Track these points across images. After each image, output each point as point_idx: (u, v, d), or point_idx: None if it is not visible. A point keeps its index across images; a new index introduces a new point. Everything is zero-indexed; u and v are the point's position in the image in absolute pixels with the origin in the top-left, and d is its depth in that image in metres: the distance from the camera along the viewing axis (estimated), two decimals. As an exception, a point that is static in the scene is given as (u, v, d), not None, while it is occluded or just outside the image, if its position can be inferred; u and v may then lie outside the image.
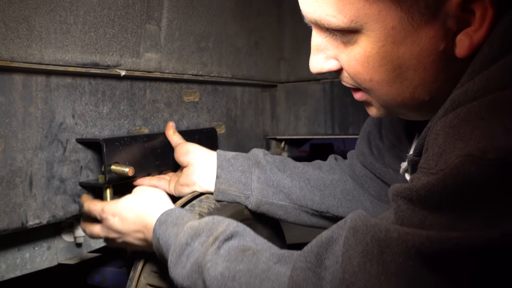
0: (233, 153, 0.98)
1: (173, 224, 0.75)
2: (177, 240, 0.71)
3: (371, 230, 0.48)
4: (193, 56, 1.13)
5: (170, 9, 1.04)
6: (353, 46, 0.60)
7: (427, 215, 0.45)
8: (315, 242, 0.57)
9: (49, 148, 0.84)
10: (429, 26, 0.54)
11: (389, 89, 0.61)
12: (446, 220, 0.43)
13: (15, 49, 0.74)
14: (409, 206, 0.47)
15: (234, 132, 1.36)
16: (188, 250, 0.69)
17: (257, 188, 0.94)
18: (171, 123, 1.05)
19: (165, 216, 0.77)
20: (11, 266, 0.87)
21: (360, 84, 0.63)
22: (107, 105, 0.95)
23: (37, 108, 0.82)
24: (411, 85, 0.59)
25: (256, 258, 0.63)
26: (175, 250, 0.71)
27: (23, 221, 0.80)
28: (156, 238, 0.75)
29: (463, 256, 0.40)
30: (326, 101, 1.47)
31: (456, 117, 0.48)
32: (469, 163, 0.42)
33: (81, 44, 0.85)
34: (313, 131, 1.50)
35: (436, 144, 0.49)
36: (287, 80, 1.53)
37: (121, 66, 0.93)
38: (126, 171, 0.88)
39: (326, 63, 0.65)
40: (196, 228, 0.72)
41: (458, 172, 0.42)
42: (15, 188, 0.79)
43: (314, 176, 0.99)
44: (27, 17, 0.75)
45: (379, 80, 0.60)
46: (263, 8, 1.41)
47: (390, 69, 0.58)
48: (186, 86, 1.16)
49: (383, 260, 0.45)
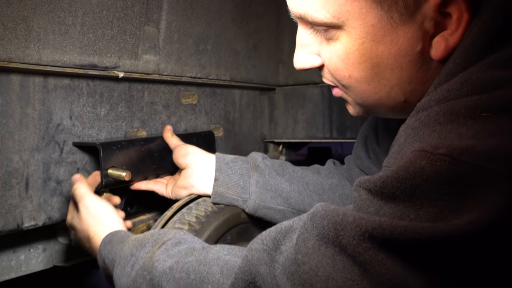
0: (231, 156, 0.98)
1: (118, 242, 0.75)
2: (122, 253, 0.71)
3: (328, 214, 0.49)
4: (191, 59, 1.13)
5: (169, 11, 1.04)
6: (335, 43, 0.61)
7: (383, 205, 0.47)
8: (274, 228, 0.58)
9: (46, 149, 0.84)
10: (407, 27, 0.57)
11: (367, 87, 0.63)
12: (398, 210, 0.45)
13: (13, 50, 0.74)
14: (368, 196, 0.49)
15: (232, 135, 1.36)
16: (133, 260, 0.69)
17: (255, 192, 0.94)
18: (169, 126, 1.04)
19: (110, 236, 0.77)
20: (6, 268, 0.86)
21: (339, 80, 0.65)
22: (105, 106, 0.95)
23: (35, 109, 0.81)
24: (388, 84, 0.62)
25: (206, 252, 0.64)
26: (119, 262, 0.70)
27: (19, 223, 0.80)
28: (102, 259, 0.75)
29: (409, 244, 0.43)
30: (324, 104, 1.47)
31: (417, 119, 0.51)
32: (421, 157, 0.44)
33: (79, 45, 0.84)
34: (311, 135, 1.50)
35: (397, 143, 0.53)
36: (286, 84, 1.53)
37: (120, 68, 0.93)
38: (123, 175, 0.88)
39: (309, 60, 0.67)
40: (141, 240, 0.71)
41: (410, 165, 0.45)
42: (11, 189, 0.78)
43: (313, 180, 0.99)
44: (25, 17, 0.75)
45: (358, 77, 0.62)
46: (262, 11, 1.41)
47: (369, 67, 0.60)
48: (184, 89, 1.16)
49: (339, 242, 0.47)
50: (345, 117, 1.45)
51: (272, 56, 1.49)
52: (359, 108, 0.70)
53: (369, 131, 0.97)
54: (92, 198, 0.83)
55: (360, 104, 0.68)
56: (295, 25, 0.67)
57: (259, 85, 1.43)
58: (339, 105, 1.45)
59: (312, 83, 1.49)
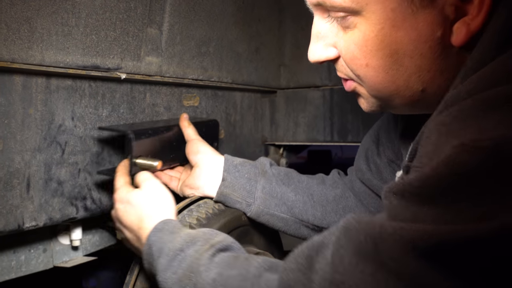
0: (240, 159, 0.98)
1: (169, 232, 0.74)
2: (172, 245, 0.71)
3: (364, 228, 0.46)
4: (193, 61, 1.13)
5: (171, 13, 1.04)
6: (352, 31, 0.60)
7: (420, 209, 0.43)
8: (306, 245, 0.56)
9: (48, 150, 0.84)
10: (428, 12, 0.55)
11: (384, 76, 0.60)
12: (441, 212, 0.42)
13: (16, 50, 0.74)
14: (401, 202, 0.46)
15: (233, 137, 1.36)
16: (182, 256, 0.69)
17: (261, 197, 0.94)
18: (185, 115, 1.04)
19: (163, 224, 0.76)
20: (6, 268, 0.86)
21: (355, 70, 0.63)
22: (107, 108, 0.95)
23: (37, 109, 0.81)
24: (406, 73, 0.59)
25: (247, 263, 0.63)
26: (168, 254, 0.70)
27: (20, 223, 0.80)
28: (149, 245, 0.74)
29: (461, 250, 0.39)
30: (326, 108, 1.48)
31: (449, 115, 0.48)
32: (462, 152, 0.41)
33: (82, 46, 0.84)
34: (312, 138, 1.50)
35: (429, 142, 0.48)
36: (287, 86, 1.53)
37: (122, 69, 0.93)
38: (154, 165, 0.87)
39: (325, 51, 0.65)
40: (193, 236, 0.71)
41: (451, 161, 0.41)
42: (13, 189, 0.78)
43: (317, 191, 0.99)
44: (29, 18, 0.75)
45: (376, 66, 0.60)
46: (264, 14, 1.41)
47: (387, 54, 0.58)
48: (186, 91, 1.16)
49: (378, 257, 0.43)
50: (346, 120, 1.45)
51: (274, 59, 1.49)
52: (373, 102, 0.67)
53: (370, 144, 0.97)
54: (154, 182, 0.83)
55: (375, 96, 0.65)
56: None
57: (260, 87, 1.43)
58: (340, 108, 1.46)
59: (314, 86, 1.49)
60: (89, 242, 1.02)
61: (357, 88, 0.67)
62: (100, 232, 1.04)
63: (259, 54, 1.40)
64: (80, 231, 0.96)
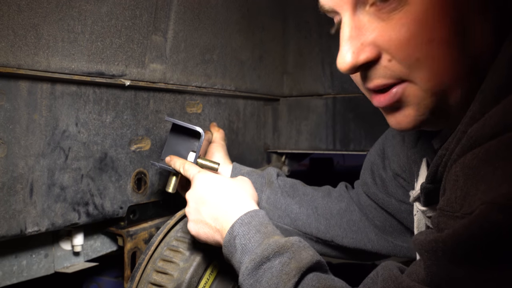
0: (248, 169, 0.99)
1: (256, 229, 0.73)
2: (259, 250, 0.70)
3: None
4: (197, 68, 1.14)
5: (176, 21, 1.05)
6: (402, 10, 0.51)
7: (455, 269, 0.43)
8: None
9: (51, 155, 0.84)
10: None
11: (448, 52, 0.51)
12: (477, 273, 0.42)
13: (22, 57, 0.74)
14: (434, 261, 0.46)
15: (236, 144, 1.36)
16: (267, 265, 0.69)
17: (265, 208, 0.95)
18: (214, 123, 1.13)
19: (249, 217, 0.75)
20: (7, 273, 0.86)
21: (412, 54, 0.52)
22: (111, 114, 0.95)
23: (41, 115, 0.82)
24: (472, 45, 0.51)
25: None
26: (254, 259, 0.70)
27: (22, 228, 0.80)
28: (233, 236, 0.73)
29: None
30: (328, 116, 1.48)
31: (475, 157, 0.45)
32: (495, 211, 0.40)
33: (87, 53, 0.85)
34: (314, 146, 1.51)
35: (457, 187, 0.47)
36: (290, 95, 1.54)
37: (126, 76, 0.94)
38: (216, 167, 0.92)
39: (362, 52, 0.54)
40: (281, 246, 0.70)
41: (485, 221, 0.40)
42: (16, 194, 0.79)
43: (322, 204, 1.00)
44: (35, 25, 0.76)
45: (440, 39, 0.50)
46: (268, 22, 1.42)
47: (454, 21, 0.50)
48: (189, 98, 1.17)
49: None
50: (348, 129, 1.45)
51: (277, 67, 1.50)
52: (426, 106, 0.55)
53: (375, 158, 0.97)
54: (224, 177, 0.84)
55: (433, 91, 0.54)
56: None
57: (263, 95, 1.44)
58: (343, 117, 1.46)
59: (316, 95, 1.50)
60: (90, 248, 1.02)
61: (406, 91, 0.55)
62: (102, 238, 1.05)
63: (263, 62, 1.41)
64: (81, 237, 0.96)
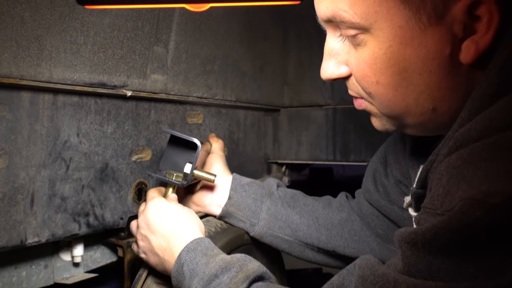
0: (248, 180, 0.99)
1: (202, 253, 0.75)
2: (207, 269, 0.72)
3: (379, 281, 0.48)
4: (198, 79, 1.14)
5: (178, 32, 1.05)
6: (362, 49, 0.60)
7: (433, 260, 0.44)
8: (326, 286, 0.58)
9: (52, 166, 0.84)
10: (436, 29, 0.55)
11: (394, 93, 0.61)
12: (453, 265, 0.43)
13: (25, 68, 0.75)
14: (414, 252, 0.47)
15: (236, 155, 1.36)
16: (216, 282, 0.70)
17: (265, 219, 0.95)
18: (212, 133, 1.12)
19: (195, 244, 0.77)
20: (7, 284, 0.85)
21: (366, 88, 0.63)
22: (112, 124, 0.95)
23: (43, 125, 0.82)
24: (416, 90, 0.59)
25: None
26: (202, 278, 0.71)
27: (22, 239, 0.79)
28: (181, 264, 0.75)
29: None
30: (329, 127, 1.48)
31: (460, 157, 0.48)
32: (473, 207, 0.42)
33: (89, 64, 0.86)
34: (315, 156, 1.51)
35: (440, 185, 0.50)
36: (290, 105, 1.54)
37: (128, 87, 0.94)
38: (212, 179, 0.90)
39: (337, 69, 0.65)
40: (227, 262, 0.72)
41: (463, 216, 0.42)
42: (16, 205, 0.78)
43: (323, 214, 1.00)
44: (38, 36, 0.76)
45: (385, 83, 0.60)
46: (269, 33, 1.43)
47: (396, 72, 0.59)
48: (190, 108, 1.17)
49: None
50: (348, 139, 1.45)
51: (278, 77, 1.50)
52: (386, 121, 0.67)
53: (378, 165, 0.97)
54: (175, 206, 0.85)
55: (387, 114, 0.65)
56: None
57: (264, 106, 1.44)
58: (343, 127, 1.46)
59: (317, 105, 1.50)
60: (90, 259, 1.02)
61: (368, 107, 0.67)
62: (102, 249, 1.04)
63: (263, 73, 1.41)
64: (81, 248, 0.96)
